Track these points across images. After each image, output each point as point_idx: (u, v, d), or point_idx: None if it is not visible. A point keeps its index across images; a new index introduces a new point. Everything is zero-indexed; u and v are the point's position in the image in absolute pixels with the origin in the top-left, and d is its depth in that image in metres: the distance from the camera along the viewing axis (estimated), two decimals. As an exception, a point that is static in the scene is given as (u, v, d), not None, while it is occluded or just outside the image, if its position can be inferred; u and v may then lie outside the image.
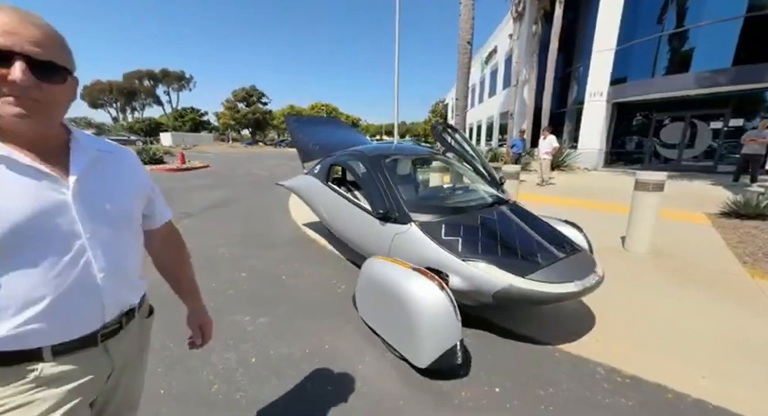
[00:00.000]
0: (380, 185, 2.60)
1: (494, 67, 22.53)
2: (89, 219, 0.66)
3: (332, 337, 2.18)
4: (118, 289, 0.73)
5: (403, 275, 1.89)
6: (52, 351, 0.64)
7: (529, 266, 1.88)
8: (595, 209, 5.84)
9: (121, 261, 0.73)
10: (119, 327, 0.75)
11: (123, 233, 0.74)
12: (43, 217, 0.60)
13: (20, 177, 0.60)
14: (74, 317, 0.66)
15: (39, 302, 0.61)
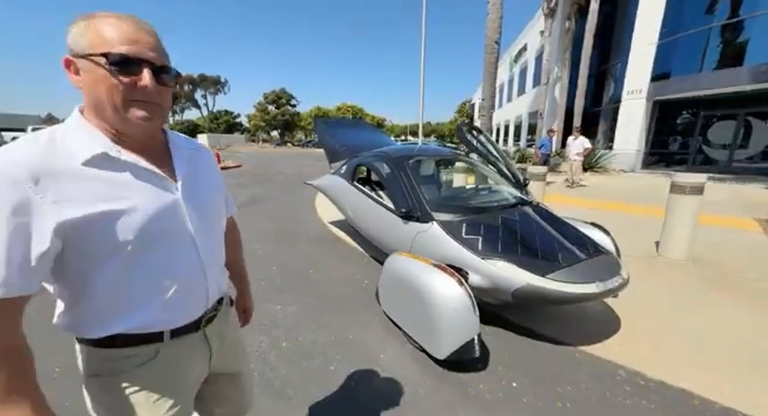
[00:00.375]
0: (403, 185, 2.70)
1: (524, 65, 21.89)
2: (194, 216, 0.71)
3: (356, 328, 2.31)
4: (216, 278, 0.79)
5: (424, 270, 1.98)
6: (170, 334, 0.71)
7: (548, 266, 1.90)
8: (629, 212, 5.58)
9: (216, 253, 0.80)
10: (215, 314, 0.81)
11: (215, 227, 0.80)
12: (164, 216, 0.65)
13: (142, 180, 0.64)
14: (188, 304, 0.73)
15: (166, 292, 0.68)
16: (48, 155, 0.56)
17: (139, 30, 0.60)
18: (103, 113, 0.60)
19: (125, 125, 0.62)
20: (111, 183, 0.60)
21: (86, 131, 0.61)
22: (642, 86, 11.58)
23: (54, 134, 0.59)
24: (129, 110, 0.60)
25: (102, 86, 0.58)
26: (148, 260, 0.64)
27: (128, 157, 0.62)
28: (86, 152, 0.58)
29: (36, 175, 0.53)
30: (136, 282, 0.64)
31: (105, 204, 0.58)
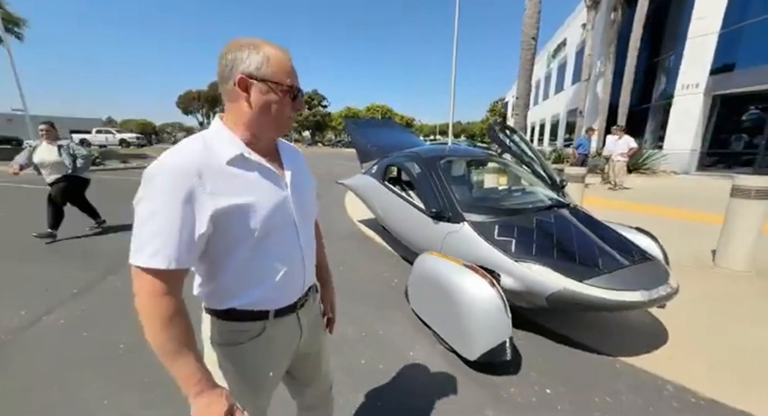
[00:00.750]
0: (434, 185, 2.70)
1: (562, 60, 20.82)
2: (297, 209, 0.81)
3: (386, 325, 2.36)
4: (311, 268, 0.89)
5: (454, 271, 1.98)
6: (274, 313, 0.81)
7: (587, 271, 1.82)
8: (679, 218, 5.14)
9: (311, 244, 0.89)
10: (306, 300, 0.91)
11: (311, 220, 0.90)
12: (279, 209, 0.76)
13: (265, 179, 0.76)
14: (289, 288, 0.83)
15: (276, 275, 0.78)
16: (206, 155, 0.68)
17: (291, 63, 0.74)
18: (264, 124, 0.75)
19: (274, 133, 0.79)
20: (245, 179, 0.72)
21: (227, 137, 0.73)
22: (699, 80, 10.55)
23: (205, 139, 0.72)
24: (284, 125, 0.77)
25: (274, 106, 0.73)
26: (266, 246, 0.75)
27: (256, 158, 0.75)
28: (229, 153, 0.70)
29: (199, 171, 0.65)
30: (255, 264, 0.75)
31: (242, 197, 0.69)
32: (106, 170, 12.67)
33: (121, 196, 7.69)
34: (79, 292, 2.87)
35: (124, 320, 2.41)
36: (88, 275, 3.20)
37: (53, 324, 2.38)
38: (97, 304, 2.66)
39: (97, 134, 29.50)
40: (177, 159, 0.65)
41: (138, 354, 1.99)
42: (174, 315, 0.64)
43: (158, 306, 0.63)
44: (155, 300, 0.64)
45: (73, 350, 2.06)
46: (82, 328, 2.31)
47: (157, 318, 0.63)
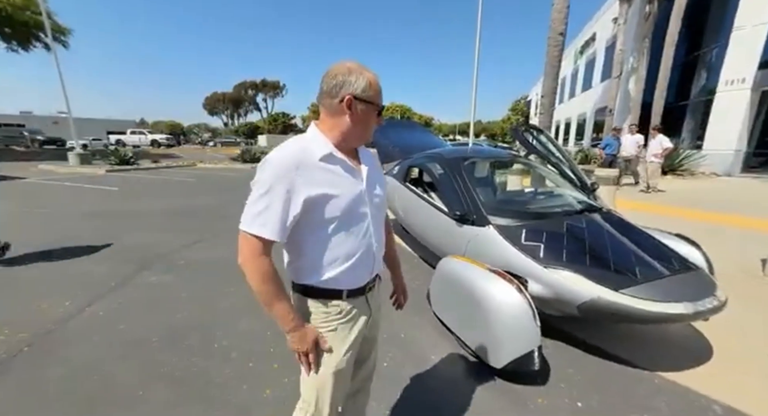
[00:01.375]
0: (458, 187, 2.65)
1: (591, 57, 19.93)
2: (371, 203, 0.95)
3: (408, 328, 2.34)
4: (380, 257, 1.02)
5: (480, 275, 1.93)
6: (347, 293, 0.94)
7: (623, 280, 1.72)
8: (722, 223, 4.79)
9: (381, 236, 1.01)
10: (374, 285, 1.04)
11: (382, 214, 1.02)
12: (355, 201, 0.90)
13: (347, 173, 0.90)
14: (360, 272, 0.96)
15: (351, 258, 0.92)
16: (303, 152, 0.85)
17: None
18: (359, 135, 0.92)
19: (360, 142, 0.96)
20: (332, 172, 0.87)
21: (321, 139, 0.89)
22: (746, 74, 9.76)
23: (304, 139, 0.89)
24: (369, 136, 0.94)
25: (371, 122, 0.91)
26: (343, 231, 0.89)
27: (341, 156, 0.90)
28: (322, 151, 0.86)
29: (297, 164, 0.82)
30: (333, 246, 0.89)
31: (328, 189, 0.84)
32: (139, 169, 13.39)
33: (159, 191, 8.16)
34: (116, 286, 3.04)
35: (155, 315, 2.54)
36: (124, 269, 3.39)
37: (94, 314, 2.53)
38: (132, 298, 2.81)
39: (131, 134, 31.27)
40: (281, 154, 0.82)
41: (169, 350, 2.08)
42: (269, 270, 0.83)
43: (259, 264, 0.82)
44: (257, 259, 0.82)
45: (111, 341, 2.18)
46: (119, 320, 2.44)
47: (257, 273, 0.83)
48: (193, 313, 2.57)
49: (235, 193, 8.14)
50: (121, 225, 5.12)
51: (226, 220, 5.47)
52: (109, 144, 27.44)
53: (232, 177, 11.58)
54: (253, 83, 63.32)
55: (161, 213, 5.98)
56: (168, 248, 4.08)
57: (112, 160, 13.67)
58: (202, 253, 3.94)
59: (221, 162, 16.85)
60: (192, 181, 10.48)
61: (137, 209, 6.34)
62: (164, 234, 4.67)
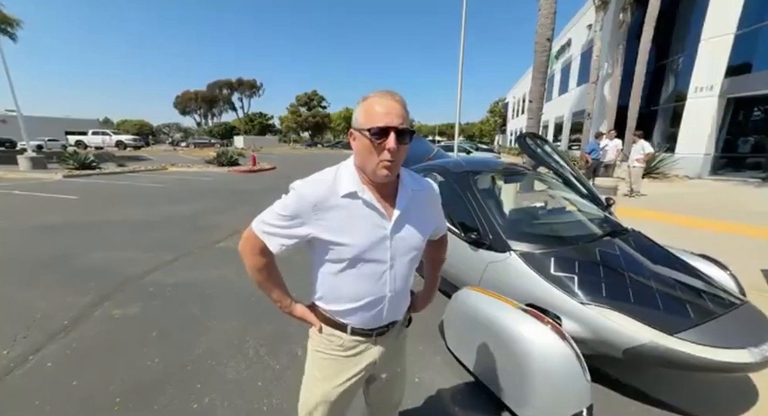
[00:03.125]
0: (471, 207, 2.41)
1: (567, 62, 20.59)
2: (394, 250, 0.87)
3: (421, 368, 2.06)
4: (394, 306, 0.95)
5: (511, 316, 1.68)
6: (351, 330, 0.93)
7: (677, 322, 1.53)
8: (708, 229, 4.87)
9: (403, 285, 0.94)
10: (386, 331, 0.98)
11: (410, 263, 0.93)
12: (372, 247, 0.84)
13: (370, 212, 0.84)
14: (367, 316, 0.92)
15: (357, 301, 0.89)
16: (330, 186, 0.83)
17: (391, 102, 0.78)
18: (364, 168, 0.83)
19: (375, 176, 0.82)
20: (350, 214, 0.83)
21: (351, 174, 0.85)
22: (714, 82, 10.31)
23: (338, 171, 0.86)
24: (378, 168, 0.80)
25: (365, 150, 0.80)
26: (351, 276, 0.87)
27: (368, 196, 0.84)
28: (347, 189, 0.82)
29: (316, 203, 0.81)
30: (339, 286, 0.89)
31: (338, 236, 0.83)
32: (102, 174, 12.30)
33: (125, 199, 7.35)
34: (70, 323, 2.56)
35: (119, 365, 2.11)
36: (79, 300, 2.89)
37: (40, 366, 2.07)
38: (89, 340, 2.35)
39: (93, 135, 29.00)
40: (307, 188, 0.82)
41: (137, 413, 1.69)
42: (263, 265, 0.91)
43: (254, 258, 0.90)
44: (253, 255, 0.90)
45: (61, 407, 1.75)
46: (72, 374, 2.00)
47: (251, 266, 0.91)
48: (166, 359, 2.17)
49: (212, 200, 7.55)
50: (80, 242, 4.51)
51: (203, 232, 4.96)
52: (68, 146, 25.36)
53: (207, 182, 10.84)
54: (228, 82, 61.03)
55: (127, 226, 5.37)
56: (135, 269, 3.58)
57: (71, 164, 12.48)
58: (176, 275, 3.48)
59: (195, 165, 15.89)
60: (163, 187, 9.70)
61: (99, 221, 5.68)
62: (131, 252, 4.13)
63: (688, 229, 4.91)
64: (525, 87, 31.31)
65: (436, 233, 1.07)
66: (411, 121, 0.85)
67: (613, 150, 8.90)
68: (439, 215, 1.05)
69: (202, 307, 2.83)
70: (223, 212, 6.44)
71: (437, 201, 1.00)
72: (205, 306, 2.83)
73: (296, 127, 57.19)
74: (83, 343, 2.33)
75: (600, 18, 13.33)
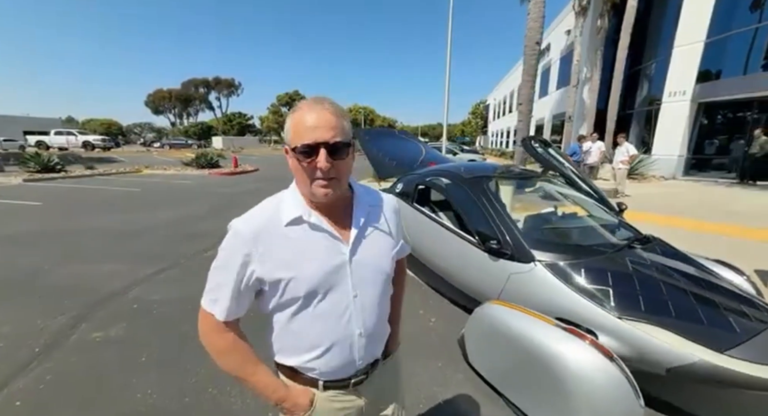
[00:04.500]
0: (488, 213, 2.31)
1: (546, 66, 21.20)
2: (356, 278, 0.75)
3: (443, 388, 1.94)
4: (369, 345, 0.79)
5: (547, 333, 1.58)
6: (323, 385, 0.78)
7: (725, 337, 1.47)
8: (693, 230, 5.05)
9: (374, 319, 0.79)
10: (365, 377, 0.83)
11: (379, 290, 0.80)
12: (331, 273, 0.72)
13: (322, 236, 0.73)
14: (338, 362, 0.77)
15: (319, 348, 0.75)
16: (271, 216, 0.73)
17: (320, 114, 0.67)
18: (301, 188, 0.74)
19: (314, 197, 0.72)
20: (297, 243, 0.71)
21: (294, 198, 0.75)
22: (686, 87, 10.87)
23: (281, 199, 0.76)
24: (313, 187, 0.70)
25: (298, 171, 0.71)
26: (308, 317, 0.73)
27: (316, 219, 0.73)
28: (290, 215, 0.72)
29: (257, 235, 0.70)
30: (301, 330, 0.74)
31: (284, 270, 0.70)
32: (69, 177, 11.42)
33: (97, 205, 6.77)
34: (43, 350, 2.25)
35: (100, 400, 1.85)
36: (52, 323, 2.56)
37: (8, 405, 1.78)
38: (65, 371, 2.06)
39: (56, 135, 27.04)
40: (243, 221, 0.71)
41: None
42: (227, 348, 0.75)
43: (213, 341, 0.75)
44: (210, 336, 0.75)
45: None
46: (46, 413, 1.73)
47: (213, 350, 0.76)
48: (159, 390, 1.92)
49: (194, 205, 7.12)
50: (48, 254, 4.07)
51: (188, 241, 4.62)
52: (27, 146, 23.53)
53: (187, 185, 10.28)
54: (205, 81, 58.83)
55: (102, 235, 4.93)
56: (115, 285, 3.25)
57: (32, 166, 11.50)
58: (162, 290, 3.19)
59: (172, 167, 15.10)
60: (138, 191, 9.10)
61: (69, 230, 5.19)
62: (108, 265, 3.77)
63: (675, 229, 5.07)
64: (506, 89, 32.08)
65: (399, 253, 0.92)
66: (350, 130, 0.72)
67: (597, 152, 9.18)
68: (401, 230, 0.92)
69: (196, 325, 2.58)
70: (208, 218, 6.08)
71: (397, 213, 0.88)
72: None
73: (277, 127, 55.93)
74: (59, 375, 2.04)
75: (579, 24, 13.79)
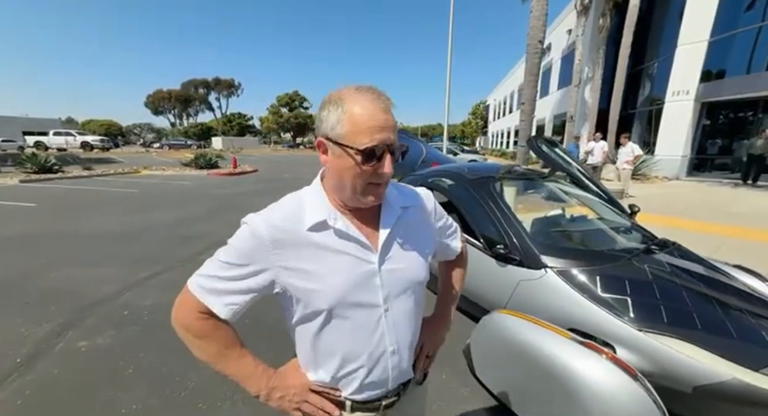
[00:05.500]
0: (494, 217, 2.19)
1: (547, 66, 21.08)
2: (388, 289, 0.68)
3: (449, 403, 1.82)
4: (401, 362, 0.73)
5: (562, 347, 1.46)
6: (351, 406, 0.72)
7: (758, 353, 1.35)
8: (701, 231, 4.93)
9: (406, 334, 0.73)
10: (397, 399, 0.76)
11: (411, 303, 0.73)
12: (359, 285, 0.65)
13: (348, 244, 0.65)
14: (366, 382, 0.70)
15: (350, 363, 0.68)
16: (293, 219, 0.64)
17: (384, 113, 0.60)
18: (341, 191, 0.65)
19: (357, 203, 0.66)
20: (321, 251, 0.64)
21: (319, 199, 0.67)
22: (690, 87, 10.75)
23: (302, 199, 0.68)
24: (365, 195, 0.64)
25: (349, 172, 0.61)
26: (334, 331, 0.66)
27: (342, 224, 0.66)
28: (313, 219, 0.64)
29: (274, 241, 0.62)
30: (321, 348, 0.68)
31: (307, 280, 0.63)
32: (66, 178, 11.30)
33: (93, 206, 6.65)
34: (25, 360, 2.13)
35: (89, 403, 1.73)
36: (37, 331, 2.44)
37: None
38: (47, 383, 1.94)
39: (55, 136, 26.93)
40: (261, 222, 0.63)
41: None
42: (206, 333, 0.66)
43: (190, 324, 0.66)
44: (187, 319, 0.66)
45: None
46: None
47: (188, 336, 0.66)
48: (145, 404, 1.81)
49: (192, 206, 7.00)
50: (38, 258, 3.95)
51: (184, 244, 4.50)
52: (26, 147, 23.44)
53: (185, 186, 10.16)
54: (204, 81, 58.79)
55: (96, 238, 4.81)
56: (105, 290, 3.13)
57: (29, 167, 11.39)
58: (155, 295, 3.07)
59: (171, 168, 14.99)
60: (136, 192, 8.98)
61: (62, 232, 5.07)
62: (100, 269, 3.65)
63: (680, 231, 4.95)
64: (506, 90, 31.98)
65: (447, 251, 0.90)
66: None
67: (600, 152, 9.06)
68: (446, 226, 0.86)
69: (188, 335, 2.45)
70: (205, 220, 5.96)
71: (434, 212, 0.81)
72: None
73: (277, 128, 55.82)
74: (41, 387, 1.92)
75: (581, 23, 13.68)
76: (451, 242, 0.89)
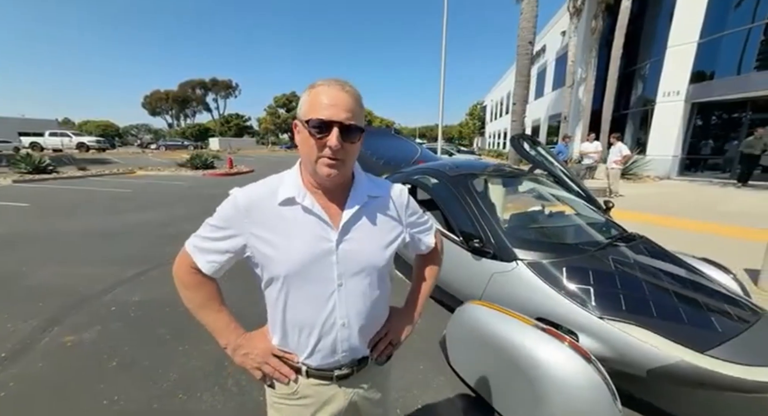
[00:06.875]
0: (471, 212, 2.25)
1: (542, 67, 21.25)
2: (342, 267, 0.73)
3: (421, 391, 1.87)
4: (351, 337, 0.78)
5: (526, 334, 1.52)
6: (307, 372, 0.79)
7: (706, 337, 1.42)
8: (688, 230, 5.02)
9: (360, 312, 0.77)
10: (349, 373, 0.81)
11: (368, 284, 0.77)
12: (315, 259, 0.72)
13: (311, 220, 0.73)
14: (320, 351, 0.77)
15: (304, 330, 0.75)
16: (266, 193, 0.74)
17: (339, 94, 0.67)
18: (306, 166, 0.74)
19: (316, 176, 0.73)
20: (290, 222, 0.72)
21: (294, 179, 0.76)
22: (680, 88, 10.89)
23: (282, 178, 0.77)
24: (318, 165, 0.70)
25: (305, 145, 0.70)
26: (291, 297, 0.74)
27: (309, 202, 0.73)
28: (284, 195, 0.73)
29: (249, 209, 0.72)
30: (282, 310, 0.76)
31: (267, 246, 0.72)
32: (60, 178, 11.29)
33: (86, 206, 6.67)
34: (10, 356, 2.16)
35: (72, 397, 1.77)
36: (23, 326, 2.48)
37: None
38: (31, 377, 1.98)
39: (50, 136, 26.81)
40: (242, 194, 0.73)
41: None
42: (193, 285, 0.78)
43: (181, 276, 0.78)
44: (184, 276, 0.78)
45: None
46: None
47: (180, 284, 0.79)
48: (127, 396, 1.84)
49: (185, 206, 7.03)
50: (28, 256, 3.98)
51: (175, 242, 4.53)
52: (22, 147, 23.34)
53: (180, 187, 10.17)
54: (202, 82, 58.70)
55: (87, 236, 4.84)
56: (94, 286, 3.17)
57: (23, 167, 11.38)
58: (142, 291, 3.11)
59: (166, 168, 14.99)
60: (130, 192, 8.99)
61: (53, 231, 5.09)
62: (90, 267, 3.68)
63: (668, 229, 5.03)
64: (503, 91, 32.15)
65: (418, 245, 0.93)
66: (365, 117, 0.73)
67: (595, 153, 9.08)
68: (419, 222, 0.90)
69: (173, 328, 2.49)
70: (197, 219, 5.90)
71: (405, 206, 0.86)
72: (176, 327, 2.50)
73: (275, 128, 55.84)
74: (25, 382, 1.95)
75: (574, 25, 13.82)
76: (423, 237, 0.92)
